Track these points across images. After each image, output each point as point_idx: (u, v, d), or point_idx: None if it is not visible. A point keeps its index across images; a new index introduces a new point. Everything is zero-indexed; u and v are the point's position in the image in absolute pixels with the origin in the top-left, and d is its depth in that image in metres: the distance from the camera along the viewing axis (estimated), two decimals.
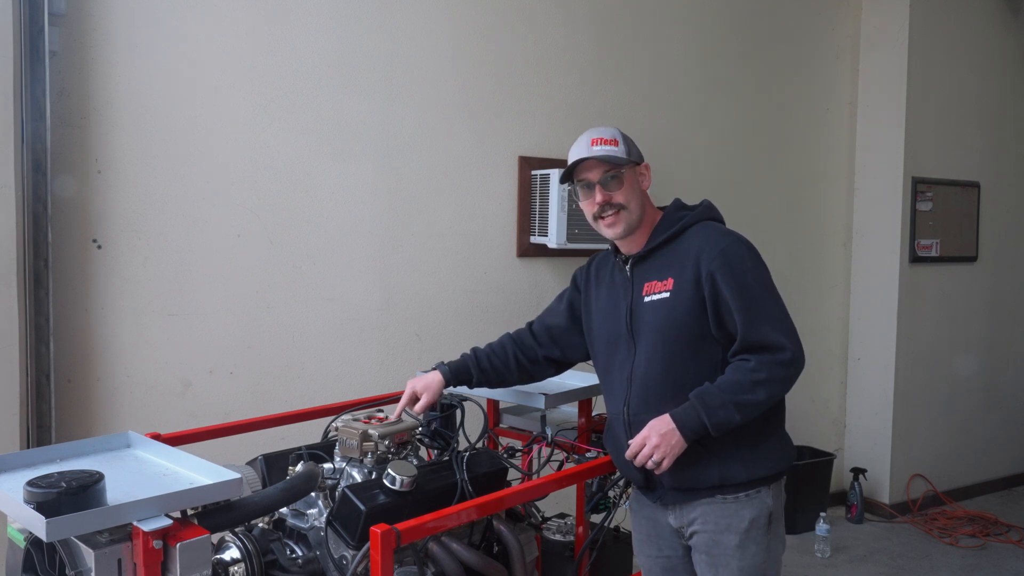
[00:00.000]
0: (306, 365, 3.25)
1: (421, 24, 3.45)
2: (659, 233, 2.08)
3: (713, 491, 2.00)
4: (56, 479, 1.48)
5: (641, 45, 4.10)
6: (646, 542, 2.19)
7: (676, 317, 1.98)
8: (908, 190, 4.82)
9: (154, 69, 2.92)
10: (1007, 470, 5.53)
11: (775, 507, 2.04)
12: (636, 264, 2.10)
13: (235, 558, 1.83)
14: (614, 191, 2.05)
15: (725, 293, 1.93)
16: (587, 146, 2.06)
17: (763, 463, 2.01)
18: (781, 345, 1.92)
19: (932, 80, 4.86)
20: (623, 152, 2.06)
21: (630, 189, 2.06)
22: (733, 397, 1.90)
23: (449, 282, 3.58)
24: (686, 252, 2.01)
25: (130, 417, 2.90)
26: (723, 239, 2.01)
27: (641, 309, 2.05)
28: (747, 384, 1.90)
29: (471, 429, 2.36)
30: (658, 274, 2.04)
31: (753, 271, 1.98)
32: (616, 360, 2.12)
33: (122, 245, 2.90)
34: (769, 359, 1.92)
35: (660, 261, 2.06)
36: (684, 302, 1.98)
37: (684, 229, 2.06)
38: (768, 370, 1.91)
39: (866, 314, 4.97)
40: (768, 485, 2.02)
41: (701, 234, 2.03)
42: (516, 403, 2.63)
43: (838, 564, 4.18)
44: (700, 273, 1.96)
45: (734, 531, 1.99)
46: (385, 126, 3.39)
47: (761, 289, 1.97)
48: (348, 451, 2.05)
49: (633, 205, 2.06)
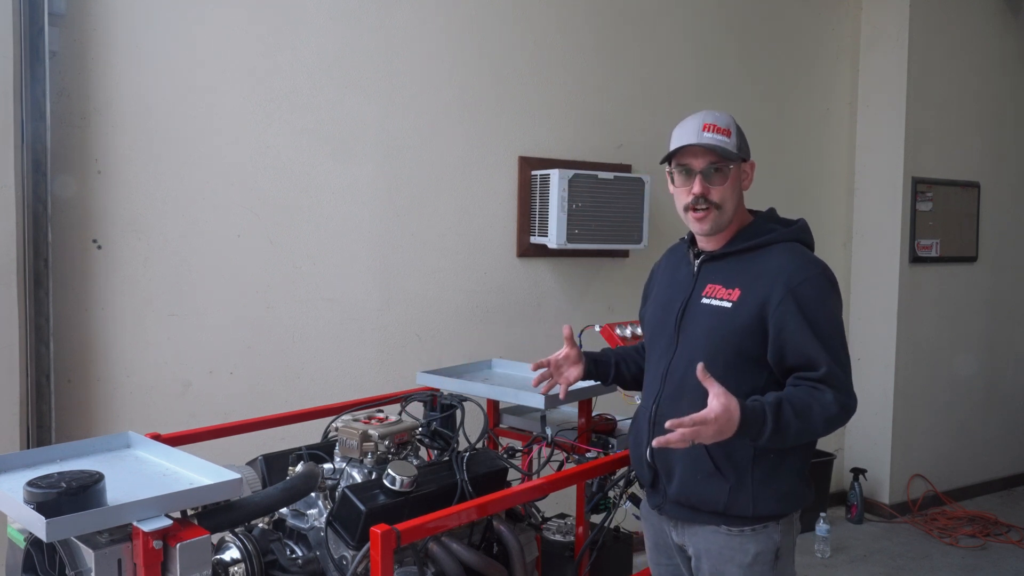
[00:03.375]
0: (306, 365, 3.25)
1: (421, 24, 3.45)
2: (742, 239, 1.95)
3: (716, 518, 1.91)
4: (56, 479, 1.48)
5: (641, 45, 4.10)
6: (655, 550, 2.16)
7: (732, 330, 1.87)
8: (908, 190, 4.82)
9: (154, 69, 2.92)
10: (1007, 470, 5.54)
11: (783, 543, 1.93)
12: (706, 262, 1.98)
13: (235, 558, 1.83)
14: (715, 185, 1.90)
15: (794, 324, 1.81)
16: (697, 130, 1.90)
17: (773, 502, 1.89)
18: (851, 393, 1.83)
19: (932, 80, 4.87)
20: (734, 145, 1.92)
21: (731, 187, 1.92)
22: (800, 423, 1.75)
23: (449, 282, 3.58)
24: (764, 269, 1.88)
25: (130, 417, 2.90)
26: (809, 268, 1.87)
27: (695, 309, 1.95)
28: (818, 416, 1.77)
29: (471, 429, 2.36)
30: (725, 280, 1.92)
31: (830, 310, 1.86)
32: (655, 353, 2.04)
33: (122, 245, 2.90)
34: (844, 402, 1.81)
35: (733, 268, 1.93)
36: (745, 318, 1.86)
37: (770, 243, 1.92)
38: (838, 411, 1.79)
39: (866, 314, 4.97)
40: (777, 520, 1.92)
41: (786, 256, 1.89)
42: (516, 403, 2.62)
43: (838, 564, 4.18)
44: (772, 295, 1.84)
45: (737, 564, 1.90)
46: (385, 126, 3.39)
47: (832, 327, 1.85)
48: (348, 451, 2.05)
49: (728, 206, 1.92)
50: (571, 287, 3.94)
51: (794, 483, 1.93)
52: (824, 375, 1.80)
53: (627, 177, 3.78)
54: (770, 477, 1.89)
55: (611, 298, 4.04)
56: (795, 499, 1.94)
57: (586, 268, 3.98)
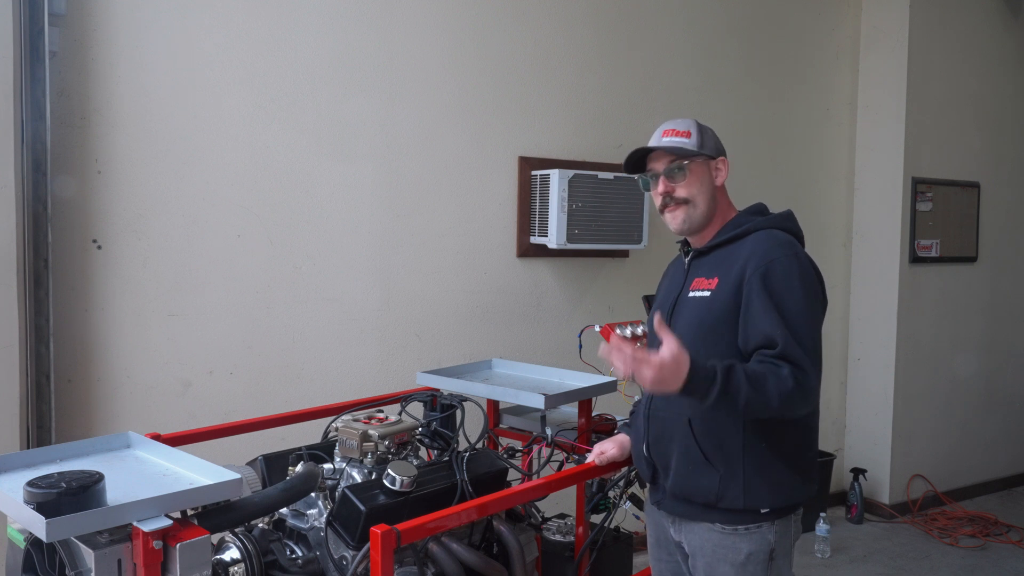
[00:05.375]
0: (306, 365, 3.25)
1: (421, 24, 3.45)
2: (724, 232, 2.01)
3: (710, 513, 1.93)
4: (56, 479, 1.48)
5: (641, 45, 4.10)
6: (655, 546, 2.18)
7: (712, 318, 1.91)
8: (908, 190, 4.82)
9: (154, 69, 2.92)
10: (1007, 470, 5.54)
11: (779, 544, 1.93)
12: (695, 259, 2.06)
13: (235, 558, 1.83)
14: (678, 182, 2.00)
15: (758, 303, 1.83)
16: (658, 137, 2.04)
17: (764, 493, 1.89)
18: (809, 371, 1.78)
19: (932, 80, 4.87)
20: (694, 144, 2.00)
21: (696, 183, 2.00)
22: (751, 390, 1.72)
23: (449, 282, 3.58)
24: (739, 256, 1.93)
25: (130, 417, 2.90)
26: (777, 250, 1.89)
27: (683, 304, 2.01)
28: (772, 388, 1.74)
29: (471, 429, 2.36)
30: (708, 272, 1.98)
31: (796, 290, 1.84)
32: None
33: (122, 245, 2.90)
34: (800, 378, 1.76)
35: (715, 260, 1.99)
36: (722, 304, 1.90)
37: (747, 233, 1.97)
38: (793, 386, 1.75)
39: (866, 314, 4.97)
40: (772, 521, 1.92)
41: (759, 241, 1.93)
42: (516, 403, 2.62)
43: (838, 564, 4.18)
44: (743, 278, 1.88)
45: (730, 563, 1.91)
46: (385, 126, 3.39)
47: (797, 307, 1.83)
48: (348, 451, 2.05)
49: (699, 200, 2.00)
50: (571, 287, 3.94)
51: (787, 475, 1.92)
52: (781, 351, 1.78)
53: (627, 177, 3.78)
54: (761, 467, 1.90)
55: (611, 298, 4.04)
56: (789, 491, 1.93)
57: (586, 268, 3.98)
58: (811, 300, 1.88)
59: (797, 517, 2.00)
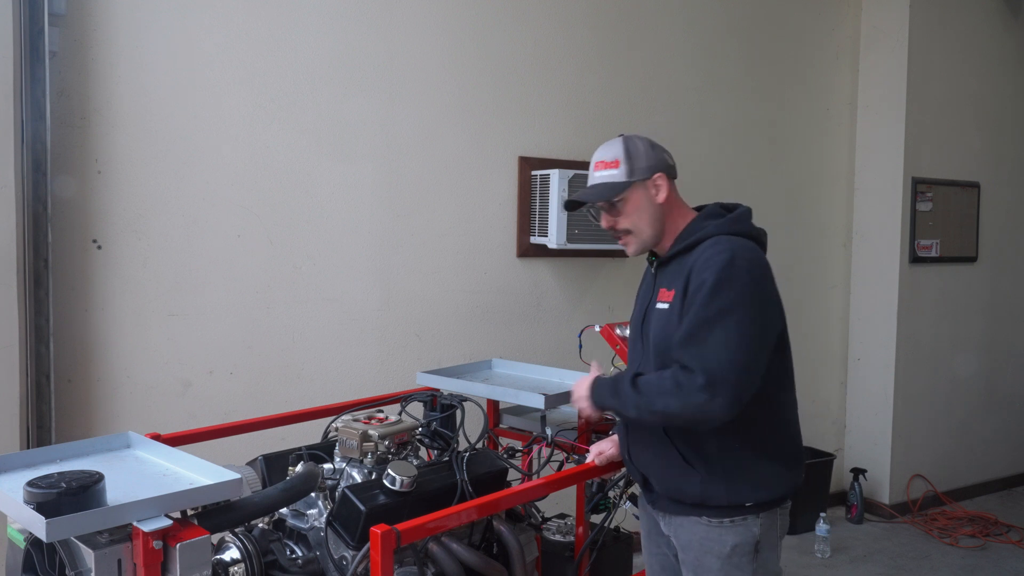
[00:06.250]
0: (306, 365, 3.25)
1: (421, 24, 3.45)
2: (679, 241, 2.01)
3: (698, 509, 1.95)
4: (56, 479, 1.48)
5: (641, 45, 4.10)
6: (647, 538, 2.21)
7: (670, 328, 1.91)
8: (908, 190, 4.82)
9: (154, 69, 2.92)
10: (1007, 470, 5.54)
11: (764, 536, 1.95)
12: (660, 267, 2.06)
13: (235, 558, 1.83)
14: (617, 216, 2.01)
15: (687, 313, 1.85)
16: (591, 173, 2.05)
17: (747, 490, 1.92)
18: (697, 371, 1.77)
19: (932, 80, 4.87)
20: (623, 173, 1.98)
21: (635, 211, 1.99)
22: (636, 395, 1.86)
23: (449, 282, 3.58)
24: (687, 266, 1.92)
25: (130, 417, 2.90)
26: (717, 258, 1.85)
27: (651, 314, 2.01)
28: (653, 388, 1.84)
29: (471, 429, 2.36)
30: (668, 283, 1.98)
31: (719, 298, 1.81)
32: (633, 361, 2.12)
33: (122, 245, 2.90)
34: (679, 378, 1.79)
35: (675, 269, 1.99)
36: (678, 316, 1.90)
37: (699, 242, 1.96)
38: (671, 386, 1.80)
39: (866, 314, 4.97)
40: (757, 513, 1.93)
41: (705, 249, 1.92)
42: (516, 403, 2.62)
43: (838, 564, 4.18)
44: (688, 289, 1.89)
45: (715, 555, 1.94)
46: (385, 126, 3.39)
47: (709, 316, 1.81)
48: (348, 451, 2.05)
49: (642, 225, 2.00)
50: (571, 287, 3.94)
51: (768, 469, 1.95)
52: (677, 355, 1.84)
53: None
54: (740, 466, 1.92)
55: (611, 298, 4.04)
56: (771, 486, 1.95)
57: (586, 268, 3.98)
58: (741, 303, 1.82)
59: (784, 510, 2.01)
